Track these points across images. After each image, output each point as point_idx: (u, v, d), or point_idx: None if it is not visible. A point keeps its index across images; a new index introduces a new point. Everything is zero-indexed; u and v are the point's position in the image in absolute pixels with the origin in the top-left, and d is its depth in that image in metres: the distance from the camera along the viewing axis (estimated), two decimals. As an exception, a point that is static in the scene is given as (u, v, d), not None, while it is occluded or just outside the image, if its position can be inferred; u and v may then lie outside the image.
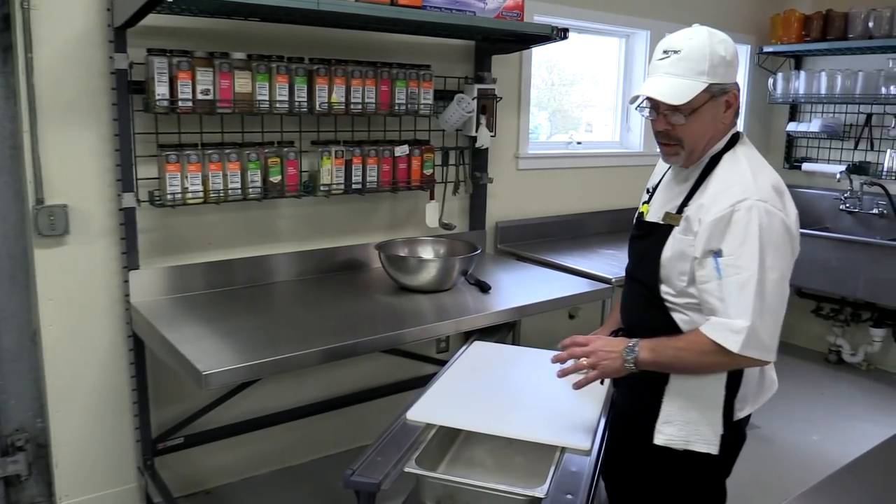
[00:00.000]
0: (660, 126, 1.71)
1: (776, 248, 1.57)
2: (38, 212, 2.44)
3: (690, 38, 1.65)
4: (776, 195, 1.61)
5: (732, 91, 1.69)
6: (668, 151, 1.74)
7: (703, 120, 1.66)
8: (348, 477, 1.57)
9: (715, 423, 1.67)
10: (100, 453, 2.73)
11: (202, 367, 1.93)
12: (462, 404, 1.93)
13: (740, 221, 1.56)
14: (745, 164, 1.66)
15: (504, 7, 2.87)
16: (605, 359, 1.69)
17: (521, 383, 2.12)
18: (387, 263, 2.76)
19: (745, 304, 1.55)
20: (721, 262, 1.58)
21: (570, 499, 1.48)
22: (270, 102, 2.61)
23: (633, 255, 1.90)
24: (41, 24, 2.38)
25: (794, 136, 5.02)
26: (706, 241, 1.60)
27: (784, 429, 3.72)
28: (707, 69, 1.62)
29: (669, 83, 1.63)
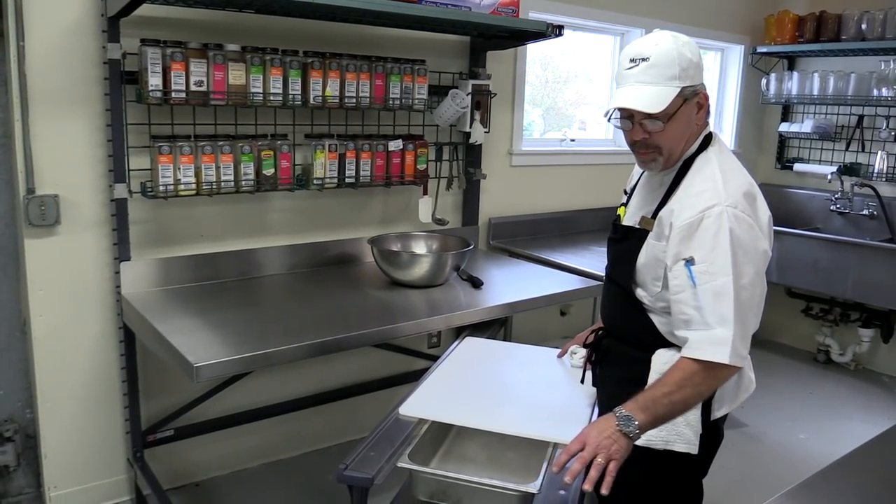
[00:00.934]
0: (637, 136, 1.68)
1: (746, 254, 1.56)
2: (28, 202, 2.43)
3: (657, 45, 1.63)
4: (745, 200, 1.59)
5: (702, 91, 1.68)
6: (645, 159, 1.71)
7: (679, 124, 1.65)
8: (342, 472, 1.57)
9: (694, 423, 1.66)
10: (89, 444, 2.71)
11: (193, 359, 1.92)
12: (454, 400, 1.94)
13: (710, 228, 1.55)
14: (717, 168, 1.64)
15: (500, 3, 2.87)
16: (611, 446, 1.53)
17: (513, 379, 2.13)
18: (379, 258, 2.76)
19: (723, 311, 1.53)
20: (694, 270, 1.56)
21: (563, 495, 1.48)
22: (264, 95, 2.60)
23: (610, 257, 1.90)
24: (34, 12, 2.36)
25: (786, 137, 5.04)
26: (676, 248, 1.59)
27: (772, 427, 3.75)
28: (678, 73, 1.61)
29: (644, 92, 1.61)
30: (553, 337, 3.76)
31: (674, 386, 1.56)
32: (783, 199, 5.05)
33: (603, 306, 1.94)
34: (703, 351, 1.54)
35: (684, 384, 1.55)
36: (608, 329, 1.88)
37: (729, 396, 1.75)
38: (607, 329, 1.89)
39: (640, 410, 1.55)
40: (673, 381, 1.57)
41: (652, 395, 1.57)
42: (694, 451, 1.66)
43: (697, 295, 1.55)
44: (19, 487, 2.80)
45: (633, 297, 1.74)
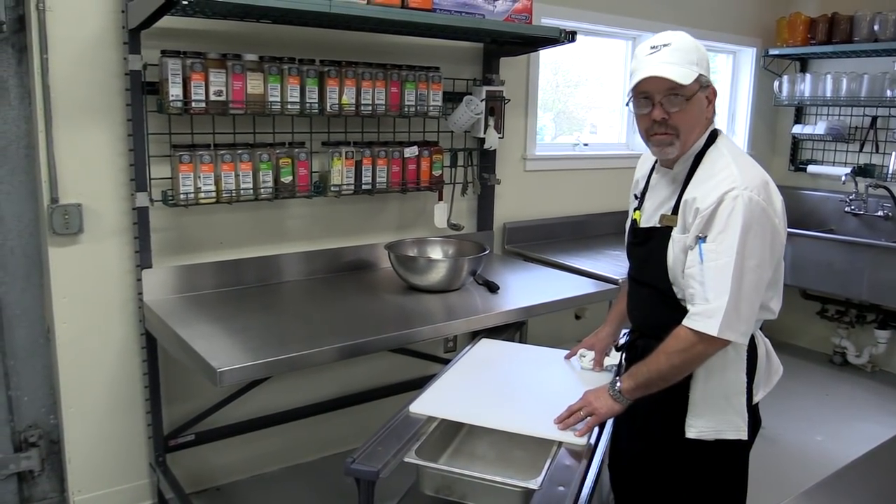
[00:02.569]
0: (658, 115, 1.72)
1: (756, 236, 1.61)
2: (52, 211, 2.47)
3: (675, 34, 1.73)
4: (762, 186, 1.66)
5: (712, 86, 1.76)
6: (663, 141, 1.75)
7: (694, 108, 1.72)
8: (349, 465, 1.62)
9: (741, 409, 1.73)
10: (112, 449, 2.76)
11: (217, 364, 1.95)
12: (465, 399, 1.97)
13: (725, 210, 1.61)
14: (729, 156, 1.71)
15: (513, 10, 2.90)
16: (595, 403, 1.77)
17: (525, 380, 2.15)
18: (396, 263, 2.79)
19: (721, 286, 1.60)
20: (703, 248, 1.64)
21: (562, 490, 1.52)
22: (282, 103, 2.64)
23: (634, 260, 1.93)
24: (56, 25, 2.41)
25: (799, 139, 5.04)
26: (697, 230, 1.66)
27: (788, 429, 3.74)
28: (696, 60, 1.70)
29: (671, 68, 1.67)
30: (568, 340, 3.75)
31: (662, 355, 1.68)
32: (797, 201, 5.04)
33: (633, 308, 1.97)
34: (697, 322, 1.63)
35: (672, 354, 1.67)
36: (642, 330, 1.91)
37: (763, 380, 1.83)
38: (640, 330, 1.92)
39: (627, 377, 1.75)
40: (663, 351, 1.68)
41: (646, 369, 1.71)
42: (744, 436, 1.73)
43: (704, 271, 1.63)
44: (44, 492, 2.84)
45: (668, 296, 1.77)
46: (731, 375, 1.73)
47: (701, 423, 1.73)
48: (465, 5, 2.75)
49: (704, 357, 1.67)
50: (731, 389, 1.73)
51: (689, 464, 1.79)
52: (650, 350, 1.80)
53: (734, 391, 1.73)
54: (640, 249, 1.87)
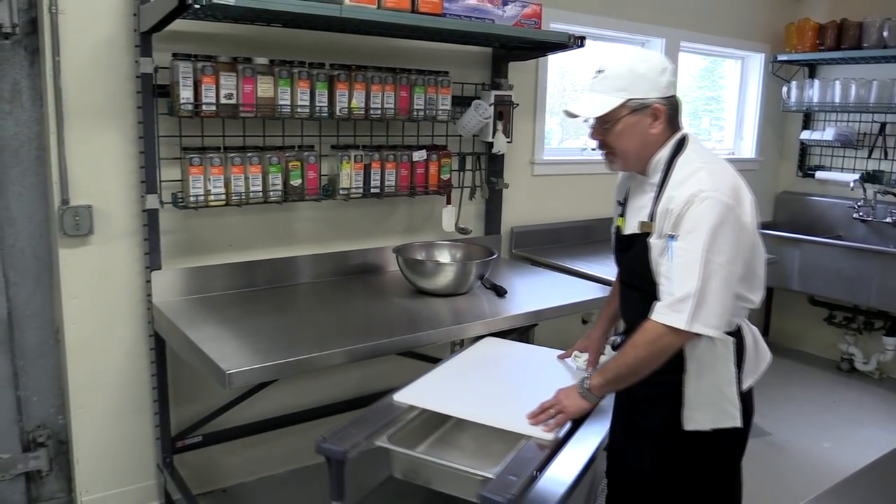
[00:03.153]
0: (594, 136, 1.89)
1: (725, 235, 1.67)
2: (63, 212, 2.49)
3: (615, 59, 1.83)
4: (729, 187, 1.72)
5: (655, 105, 1.80)
6: (607, 159, 1.91)
7: (627, 131, 1.81)
8: (319, 443, 1.72)
9: (733, 399, 1.79)
10: (120, 450, 2.77)
11: (226, 366, 1.96)
12: (451, 392, 2.03)
13: (694, 211, 1.68)
14: (698, 162, 1.77)
15: (522, 15, 2.91)
16: (564, 401, 1.85)
17: (517, 377, 2.18)
18: (404, 267, 2.80)
19: (686, 281, 1.67)
20: (673, 246, 1.71)
21: (514, 480, 1.57)
22: (292, 107, 2.66)
23: (621, 266, 2.00)
24: (68, 28, 2.43)
25: (807, 145, 5.03)
26: (667, 230, 1.74)
27: (795, 436, 3.73)
28: (625, 85, 1.79)
29: (591, 99, 1.82)
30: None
31: (629, 349, 1.75)
32: (805, 207, 5.04)
33: (625, 310, 2.03)
34: (663, 315, 1.69)
35: (639, 346, 1.73)
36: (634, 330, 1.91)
37: (751, 368, 1.88)
38: (633, 330, 1.92)
39: (597, 374, 1.83)
40: (630, 344, 1.75)
41: (614, 365, 1.79)
42: (739, 423, 1.79)
43: (671, 267, 1.70)
44: (51, 492, 2.85)
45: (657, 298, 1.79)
46: (721, 369, 1.79)
47: (697, 415, 1.79)
48: (474, 10, 2.76)
49: (671, 349, 1.72)
50: (723, 381, 1.79)
51: (688, 453, 1.85)
52: None
53: (726, 382, 1.79)
54: (625, 256, 1.94)
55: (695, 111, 4.92)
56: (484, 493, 1.51)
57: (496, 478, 1.59)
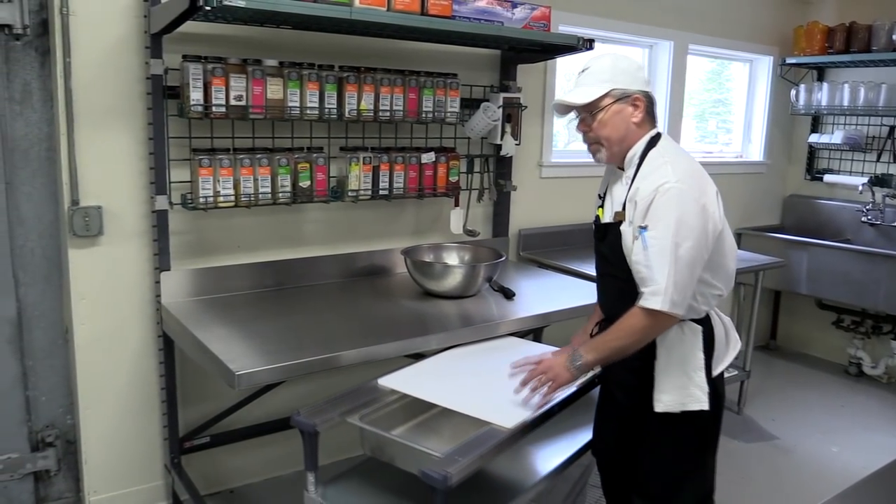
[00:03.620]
0: (580, 128, 2.04)
1: (688, 221, 1.83)
2: (73, 213, 2.50)
3: (597, 58, 2.03)
4: (692, 178, 1.89)
5: (635, 95, 1.97)
6: (592, 150, 2.06)
7: (612, 120, 1.97)
8: (294, 417, 1.89)
9: (701, 383, 1.94)
10: (128, 450, 2.78)
11: (235, 367, 1.97)
12: (435, 380, 2.15)
13: (660, 202, 1.84)
14: (666, 156, 1.93)
15: (531, 17, 2.91)
16: (555, 374, 1.98)
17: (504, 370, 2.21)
18: (412, 269, 2.80)
19: (664, 268, 1.82)
20: (646, 236, 1.85)
21: (459, 460, 1.69)
22: (301, 109, 2.66)
23: (598, 255, 2.15)
24: (79, 29, 2.44)
25: (816, 148, 5.02)
26: (638, 220, 1.88)
27: (803, 440, 3.72)
28: (609, 78, 1.96)
29: (579, 91, 1.99)
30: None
31: (620, 332, 1.90)
32: (813, 211, 5.03)
33: (601, 298, 2.20)
34: (651, 301, 1.84)
35: (629, 330, 1.89)
36: (610, 318, 2.08)
37: (721, 354, 2.03)
38: (609, 318, 2.09)
39: (589, 351, 1.95)
40: (621, 328, 1.91)
41: (602, 339, 1.95)
42: (706, 406, 1.94)
43: (648, 256, 1.85)
44: (59, 492, 2.86)
45: (630, 284, 1.93)
46: (689, 355, 1.94)
47: (666, 397, 1.94)
48: (484, 12, 2.77)
49: (655, 333, 1.90)
50: (690, 366, 1.94)
51: (661, 435, 2.00)
52: None
53: (693, 367, 1.94)
54: (601, 244, 2.09)
55: (702, 114, 4.91)
56: (424, 469, 1.65)
57: (443, 456, 1.71)
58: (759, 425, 3.89)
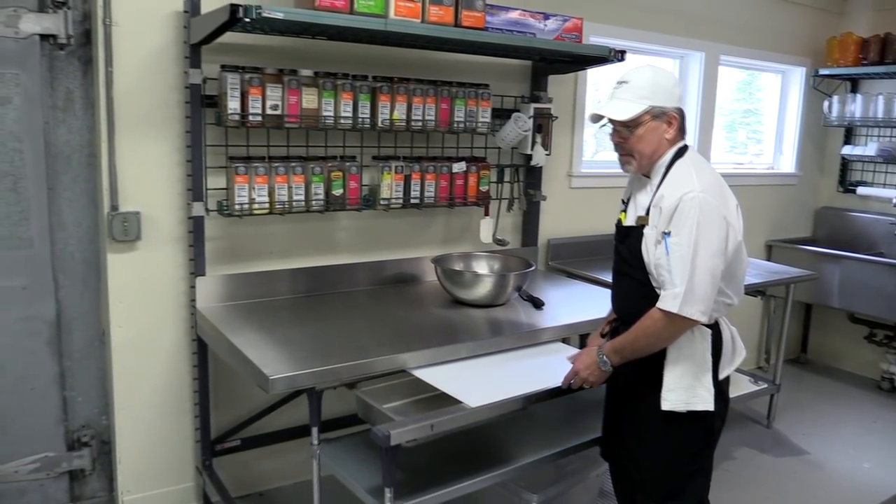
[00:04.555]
0: (616, 139, 2.10)
1: (710, 230, 1.90)
2: (112, 218, 2.56)
3: (637, 71, 2.06)
4: (714, 189, 1.96)
5: (672, 112, 2.04)
6: (623, 160, 2.12)
7: (646, 135, 2.03)
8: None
9: (708, 385, 2.02)
10: (161, 451, 2.83)
11: (269, 371, 2.00)
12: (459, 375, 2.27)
13: (684, 209, 1.91)
14: (691, 166, 2.01)
15: (563, 29, 2.93)
16: (590, 376, 2.12)
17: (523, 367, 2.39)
18: (443, 277, 2.82)
19: (682, 272, 1.90)
20: (669, 242, 1.93)
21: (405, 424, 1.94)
22: (335, 118, 2.70)
23: (617, 255, 2.22)
24: (121, 39, 2.50)
25: (848, 160, 4.97)
26: (661, 226, 1.96)
27: (834, 456, 3.67)
28: (647, 94, 2.01)
29: (618, 105, 2.04)
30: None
31: (640, 332, 1.99)
32: (846, 223, 4.97)
33: (616, 299, 2.26)
34: (667, 303, 1.92)
35: (649, 331, 1.97)
36: (623, 318, 2.17)
37: (728, 360, 2.11)
38: (622, 319, 2.18)
39: (612, 353, 2.06)
40: (640, 329, 1.99)
41: (623, 340, 2.04)
42: (711, 407, 2.01)
43: (670, 261, 1.92)
44: (93, 491, 2.92)
45: (646, 286, 2.04)
46: (697, 356, 2.01)
47: (673, 396, 2.01)
48: (516, 24, 2.79)
49: (673, 334, 1.97)
50: (699, 368, 2.02)
51: (665, 434, 2.06)
52: None
53: (702, 369, 2.02)
54: (622, 246, 2.17)
55: (731, 124, 4.88)
56: (373, 428, 1.91)
57: (397, 419, 1.98)
58: (790, 440, 3.85)
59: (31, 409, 2.70)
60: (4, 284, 2.60)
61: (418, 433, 1.96)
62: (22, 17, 2.47)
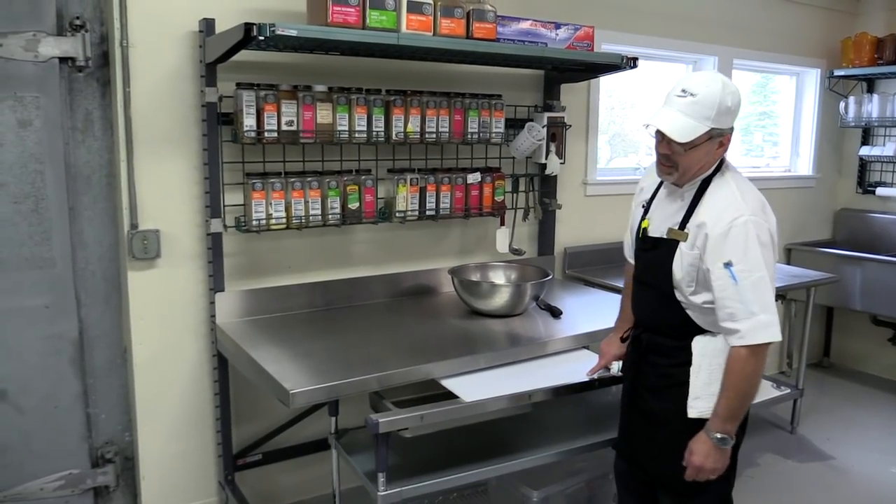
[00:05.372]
0: (663, 150, 2.00)
1: (768, 251, 1.89)
2: (132, 236, 2.59)
3: (707, 86, 1.92)
4: (762, 210, 1.94)
5: (727, 135, 1.98)
6: (664, 170, 2.04)
7: (698, 154, 1.96)
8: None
9: None
10: (183, 467, 2.84)
11: (289, 385, 2.01)
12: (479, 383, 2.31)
13: (739, 235, 1.87)
14: (734, 186, 1.97)
15: (575, 38, 2.93)
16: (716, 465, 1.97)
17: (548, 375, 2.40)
18: (460, 288, 2.83)
19: (764, 300, 1.86)
20: (734, 271, 1.86)
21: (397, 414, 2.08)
22: (350, 132, 2.72)
23: (642, 264, 2.18)
24: (138, 60, 2.54)
25: (867, 161, 4.93)
26: (715, 256, 1.90)
27: (860, 460, 3.63)
28: (713, 116, 1.91)
29: (680, 121, 1.93)
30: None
31: (739, 381, 1.90)
32: (865, 225, 4.92)
33: (637, 306, 2.22)
34: (757, 335, 1.86)
35: (748, 375, 1.90)
36: (645, 325, 2.17)
37: None
38: (644, 325, 2.18)
39: (725, 422, 1.93)
40: (736, 378, 1.90)
41: (726, 404, 1.92)
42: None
43: (739, 290, 1.86)
44: (118, 507, 2.94)
45: (671, 298, 2.03)
46: (724, 362, 1.95)
47: (700, 403, 1.98)
48: (527, 34, 2.80)
49: (763, 365, 1.92)
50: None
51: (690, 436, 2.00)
52: (654, 343, 2.11)
53: None
54: (648, 255, 2.12)
55: (747, 127, 4.86)
56: (366, 417, 2.06)
57: (393, 409, 2.14)
58: (814, 445, 3.81)
59: (55, 427, 2.73)
60: (28, 304, 2.63)
61: (408, 423, 2.07)
62: (41, 40, 2.51)
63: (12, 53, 2.48)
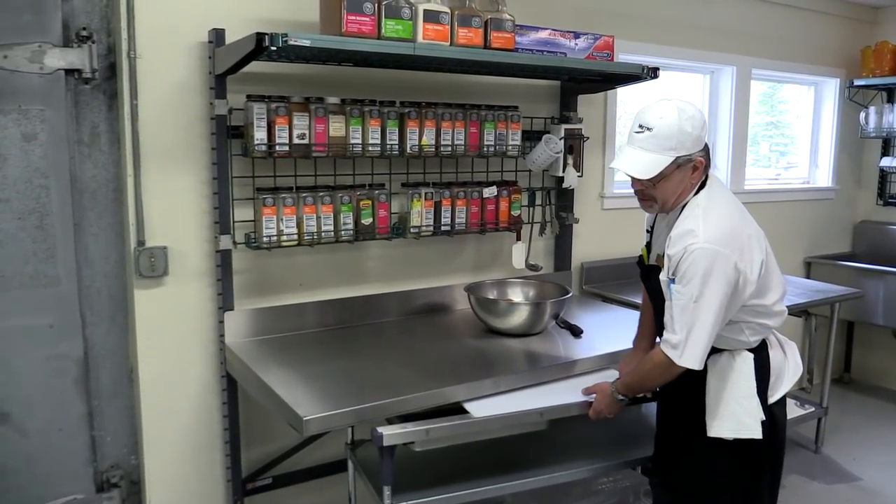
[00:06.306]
0: (637, 186, 2.06)
1: (715, 285, 1.88)
2: (139, 253, 2.51)
3: (661, 117, 1.95)
4: (725, 236, 1.92)
5: (698, 157, 1.99)
6: (644, 205, 2.11)
7: (671, 184, 2.00)
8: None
9: (753, 411, 2.00)
10: (191, 491, 2.75)
11: (302, 411, 1.93)
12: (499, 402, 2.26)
13: (688, 260, 1.90)
14: (700, 211, 1.97)
15: (594, 47, 2.85)
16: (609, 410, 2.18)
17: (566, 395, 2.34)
18: (476, 306, 2.74)
19: (682, 323, 1.92)
20: (673, 289, 1.95)
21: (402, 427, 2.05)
22: (363, 145, 2.64)
23: (647, 290, 2.26)
24: (146, 72, 2.46)
25: (887, 172, 4.83)
26: (666, 267, 1.98)
27: (890, 481, 3.52)
28: (675, 145, 1.94)
29: (642, 158, 1.96)
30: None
31: (644, 374, 2.07)
32: (886, 237, 4.82)
33: (658, 326, 2.20)
34: (668, 350, 1.96)
35: (652, 374, 2.04)
36: None
37: (778, 381, 2.11)
38: None
39: (626, 389, 2.14)
40: (645, 371, 2.07)
41: (630, 380, 2.13)
42: (758, 435, 1.99)
43: (671, 307, 1.96)
44: (123, 532, 2.85)
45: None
46: (740, 382, 2.01)
47: (718, 423, 2.02)
48: (546, 44, 2.73)
49: (671, 377, 2.00)
50: (742, 393, 2.01)
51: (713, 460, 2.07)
52: None
53: (744, 395, 2.01)
54: (648, 283, 2.22)
55: (753, 137, 4.74)
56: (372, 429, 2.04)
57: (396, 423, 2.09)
58: (840, 465, 3.70)
59: (59, 449, 2.65)
60: (32, 323, 2.55)
61: (414, 437, 2.05)
62: (47, 52, 2.44)
63: (17, 65, 2.41)
